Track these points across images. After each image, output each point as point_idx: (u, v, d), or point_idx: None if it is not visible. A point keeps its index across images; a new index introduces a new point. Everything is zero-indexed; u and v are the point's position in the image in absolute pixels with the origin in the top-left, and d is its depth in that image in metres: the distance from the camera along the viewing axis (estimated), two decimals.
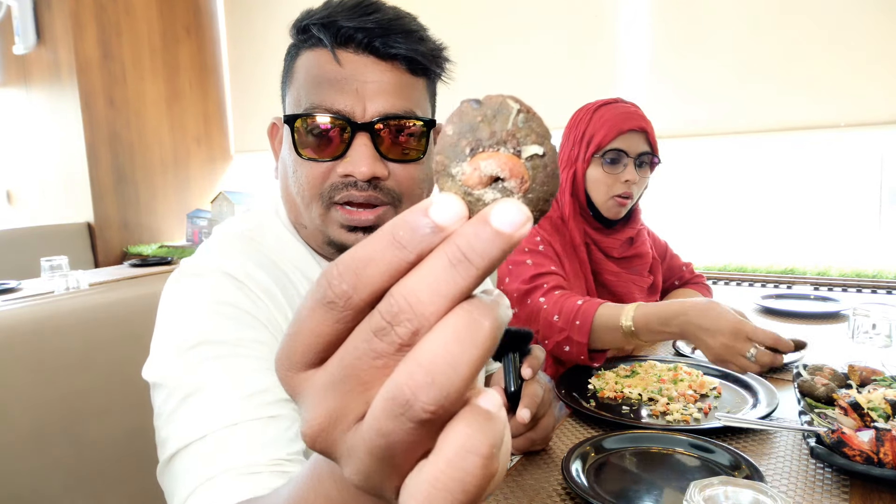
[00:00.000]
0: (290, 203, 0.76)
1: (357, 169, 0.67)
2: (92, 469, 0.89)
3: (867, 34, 1.95)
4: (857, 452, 0.70)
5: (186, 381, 0.62)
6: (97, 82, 3.16)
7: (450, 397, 0.21)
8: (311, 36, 0.70)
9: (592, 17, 2.45)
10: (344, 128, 0.67)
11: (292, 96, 0.72)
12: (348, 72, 0.67)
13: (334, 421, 0.24)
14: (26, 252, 2.74)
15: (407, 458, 0.23)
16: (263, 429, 0.60)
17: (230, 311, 0.66)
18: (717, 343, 0.98)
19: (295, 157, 0.70)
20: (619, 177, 1.32)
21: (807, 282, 1.95)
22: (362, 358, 0.23)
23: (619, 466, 0.77)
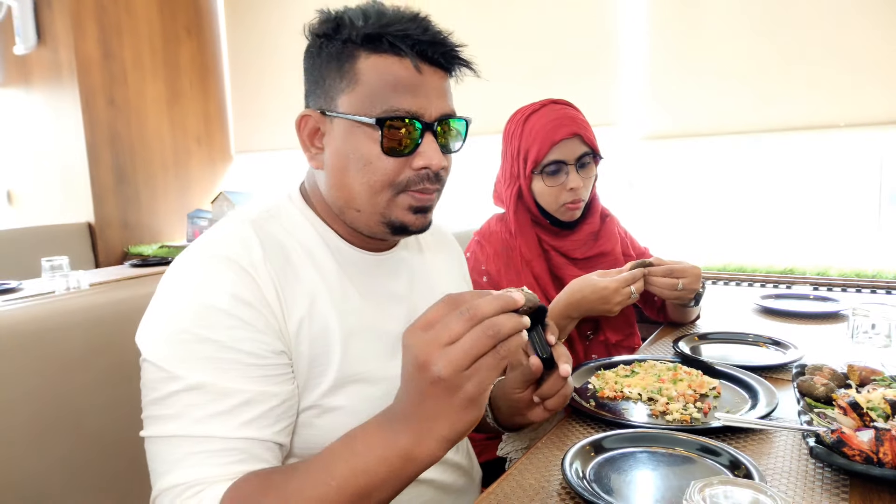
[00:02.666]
0: (345, 191, 0.81)
1: (432, 162, 0.78)
2: (92, 468, 0.89)
3: (867, 35, 1.95)
4: (856, 452, 0.70)
5: (181, 373, 0.68)
6: (98, 82, 3.16)
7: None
8: (381, 43, 0.77)
9: (592, 17, 2.45)
10: (417, 128, 0.78)
11: (358, 96, 0.78)
12: (425, 80, 0.78)
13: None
14: (27, 252, 2.74)
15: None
16: (243, 445, 0.69)
17: (231, 307, 0.71)
18: (611, 299, 1.22)
19: (376, 152, 0.77)
20: (563, 186, 1.33)
21: (806, 282, 1.95)
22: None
23: (618, 466, 0.77)
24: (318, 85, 0.81)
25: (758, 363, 1.13)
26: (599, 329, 1.41)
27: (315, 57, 0.82)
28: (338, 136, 0.80)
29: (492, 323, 0.58)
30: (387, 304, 0.87)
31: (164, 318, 0.72)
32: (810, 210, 2.26)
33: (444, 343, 0.57)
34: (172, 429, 0.68)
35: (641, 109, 2.39)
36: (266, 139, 3.62)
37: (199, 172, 3.66)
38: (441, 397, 0.58)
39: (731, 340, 1.30)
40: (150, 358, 0.71)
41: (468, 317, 0.58)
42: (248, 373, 0.70)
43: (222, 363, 0.69)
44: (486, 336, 0.57)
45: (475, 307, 0.58)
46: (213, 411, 0.68)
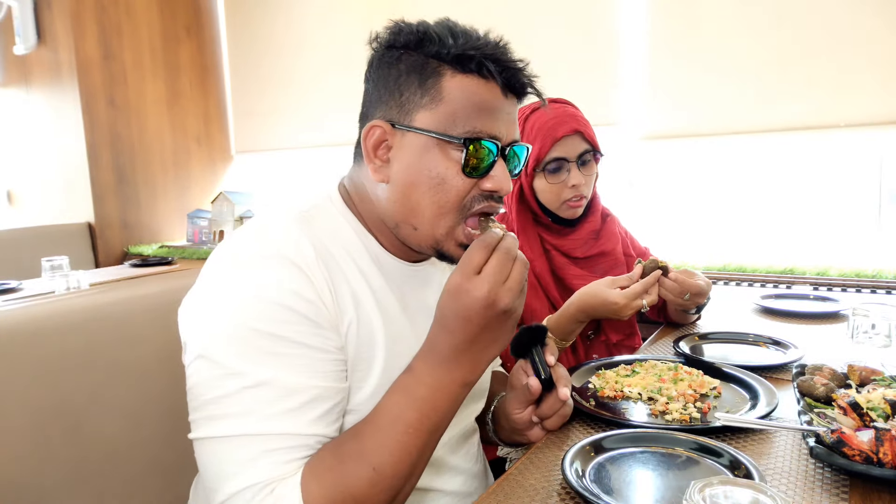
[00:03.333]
0: (409, 208, 0.80)
1: (503, 186, 0.80)
2: (92, 468, 0.89)
3: (867, 34, 1.95)
4: (856, 452, 0.70)
5: (244, 370, 0.68)
6: (98, 82, 3.16)
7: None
8: (470, 65, 0.77)
9: (592, 17, 2.45)
10: (494, 151, 0.78)
11: (440, 114, 0.77)
12: (509, 108, 0.80)
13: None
14: (27, 252, 2.74)
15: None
16: (314, 441, 0.70)
17: (293, 303, 0.70)
18: (621, 312, 1.23)
19: (454, 171, 0.77)
20: (565, 183, 1.33)
21: (806, 282, 1.95)
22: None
23: (618, 466, 0.77)
24: (391, 96, 0.79)
25: (758, 363, 1.13)
26: (600, 329, 1.41)
27: (391, 67, 0.80)
28: (410, 150, 0.78)
29: (518, 255, 0.72)
30: (418, 315, 0.86)
31: (223, 315, 0.70)
32: (810, 210, 2.26)
33: (502, 281, 0.69)
34: (240, 427, 0.67)
35: (641, 109, 2.39)
36: (266, 139, 3.62)
37: (199, 172, 3.66)
38: (502, 324, 0.71)
39: (731, 340, 1.30)
40: (208, 354, 0.69)
41: (510, 256, 0.71)
42: (315, 367, 0.71)
43: (289, 359, 0.69)
44: (521, 264, 0.71)
45: (511, 249, 0.71)
46: (283, 408, 0.67)
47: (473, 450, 0.97)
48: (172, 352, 0.99)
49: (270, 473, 0.66)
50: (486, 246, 0.70)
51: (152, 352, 0.98)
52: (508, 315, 0.70)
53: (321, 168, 3.46)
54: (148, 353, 0.98)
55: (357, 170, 0.86)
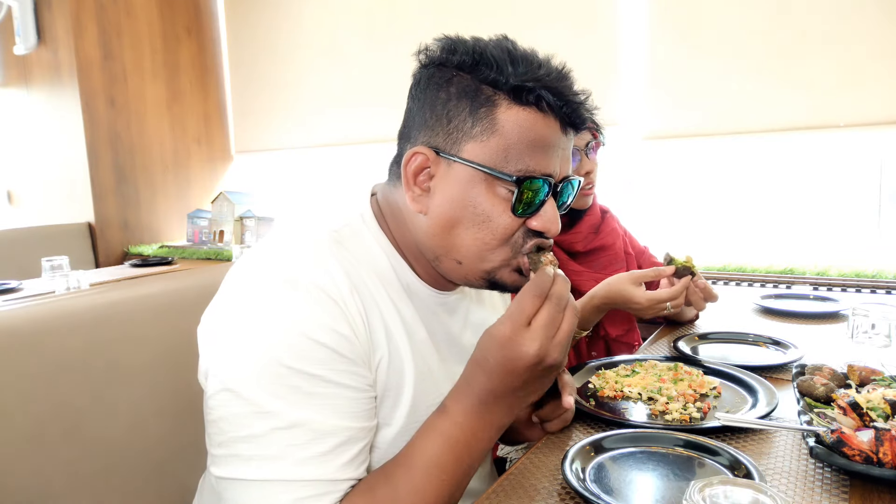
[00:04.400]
0: (451, 243, 0.75)
1: (552, 228, 0.75)
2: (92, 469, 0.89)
3: (867, 34, 1.95)
4: (856, 452, 0.70)
5: (278, 410, 0.64)
6: (98, 83, 3.16)
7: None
8: (529, 97, 0.71)
9: (592, 17, 2.45)
10: (546, 189, 0.74)
11: (493, 147, 0.71)
12: (565, 145, 0.76)
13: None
14: (27, 252, 2.74)
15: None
16: (344, 486, 0.67)
17: (329, 338, 0.66)
18: (642, 313, 1.26)
19: (501, 209, 0.73)
20: (578, 171, 1.36)
21: (806, 282, 1.95)
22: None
23: (618, 466, 0.77)
24: (438, 121, 0.73)
25: (758, 363, 1.13)
26: (599, 324, 1.42)
27: (440, 89, 0.74)
28: (455, 183, 0.73)
29: (569, 302, 0.69)
30: (445, 345, 0.83)
31: (254, 348, 0.65)
32: (810, 210, 2.26)
33: (552, 335, 0.67)
34: (271, 472, 0.64)
35: (642, 109, 2.39)
36: (266, 139, 3.62)
37: (199, 172, 3.66)
38: (546, 377, 0.69)
39: (731, 340, 1.30)
40: (236, 389, 0.65)
41: (561, 307, 0.68)
42: (349, 408, 0.67)
43: (323, 399, 0.65)
44: (572, 315, 0.69)
45: (563, 297, 0.68)
46: (316, 452, 0.64)
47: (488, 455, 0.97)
48: (173, 352, 0.99)
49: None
50: (539, 294, 0.67)
51: (152, 352, 0.98)
52: (554, 369, 0.68)
53: (321, 168, 3.46)
54: (148, 353, 0.98)
55: (393, 190, 0.80)
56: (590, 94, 0.77)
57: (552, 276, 0.69)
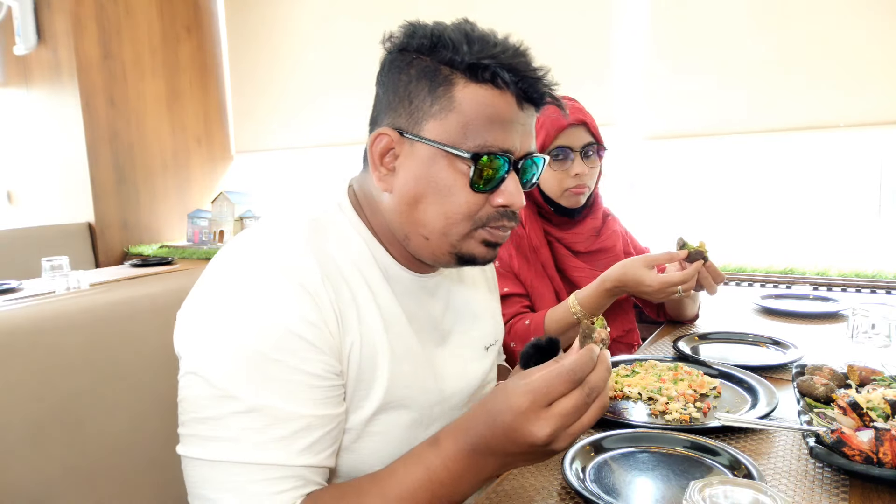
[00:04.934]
0: (416, 219, 0.77)
1: (516, 201, 0.76)
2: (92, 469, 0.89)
3: (867, 35, 1.95)
4: (856, 452, 0.70)
5: (241, 395, 0.65)
6: (97, 82, 3.16)
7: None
8: (485, 74, 0.73)
9: (591, 17, 2.45)
10: (506, 165, 0.75)
11: (451, 125, 0.73)
12: (524, 120, 0.76)
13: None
14: (27, 252, 2.74)
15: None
16: (303, 472, 0.67)
17: (297, 325, 0.67)
18: (652, 296, 1.26)
19: (461, 185, 0.74)
20: (568, 172, 1.36)
21: (806, 282, 1.95)
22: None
23: (618, 466, 0.77)
24: (401, 103, 0.76)
25: (758, 363, 1.13)
26: None
27: (401, 72, 0.76)
28: (418, 161, 0.75)
29: (601, 395, 0.64)
30: (426, 328, 0.84)
31: (223, 334, 0.67)
32: (810, 210, 2.26)
33: (569, 425, 0.62)
34: (228, 453, 0.65)
35: (642, 110, 2.39)
36: (266, 139, 3.62)
37: (199, 172, 3.65)
38: (546, 456, 0.65)
39: (731, 340, 1.31)
40: (204, 374, 0.67)
41: (591, 398, 0.62)
42: (311, 395, 0.68)
43: (287, 385, 0.66)
44: (598, 410, 0.64)
45: (597, 388, 0.63)
46: (272, 437, 0.65)
47: None
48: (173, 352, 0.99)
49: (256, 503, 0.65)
50: (573, 380, 0.62)
51: (152, 352, 0.98)
52: (555, 452, 0.65)
53: (322, 168, 3.46)
54: (148, 353, 0.98)
55: (366, 177, 0.82)
56: (549, 70, 0.77)
57: (594, 361, 0.63)
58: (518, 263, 1.40)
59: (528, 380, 0.62)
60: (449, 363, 0.85)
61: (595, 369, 0.63)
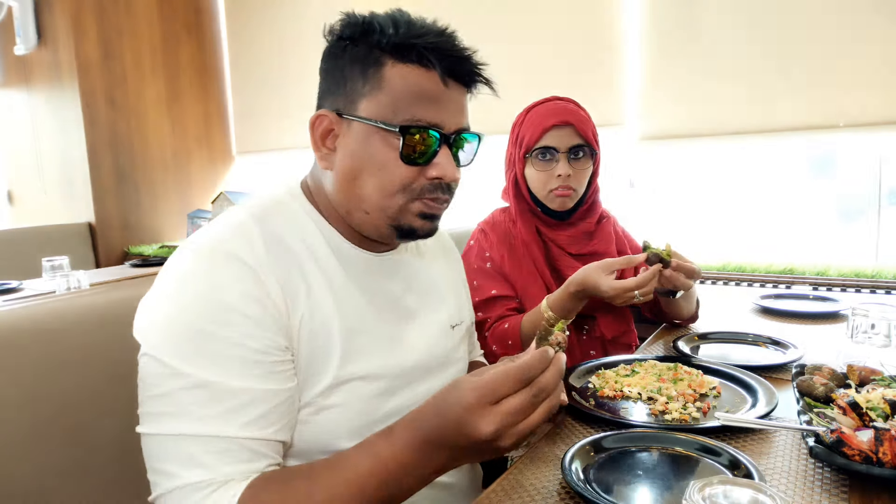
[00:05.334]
0: (353, 193, 0.81)
1: (448, 174, 0.80)
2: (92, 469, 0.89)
3: (866, 35, 1.95)
4: (855, 452, 0.70)
5: (185, 370, 0.68)
6: (98, 82, 3.16)
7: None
8: (410, 54, 0.78)
9: (591, 18, 2.45)
10: (436, 139, 0.79)
11: (381, 102, 0.78)
12: (450, 95, 0.80)
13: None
14: (27, 252, 2.74)
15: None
16: (249, 445, 0.69)
17: (236, 301, 0.70)
18: (613, 301, 1.24)
19: (393, 158, 0.78)
20: (552, 172, 1.37)
21: (806, 282, 1.95)
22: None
23: (618, 466, 0.77)
24: (338, 86, 0.81)
25: (757, 363, 1.13)
26: (596, 325, 1.42)
27: (337, 58, 0.82)
28: (354, 139, 0.80)
29: (550, 398, 0.65)
30: (384, 305, 0.87)
31: (169, 313, 0.71)
32: (810, 210, 2.26)
33: (513, 424, 0.63)
34: (176, 427, 0.67)
35: (642, 110, 2.39)
36: (267, 139, 3.62)
37: (200, 172, 3.66)
38: (493, 452, 0.65)
39: (730, 340, 1.31)
40: (152, 353, 0.70)
41: (538, 400, 0.64)
42: (253, 370, 0.70)
43: (229, 361, 0.69)
44: (545, 411, 0.65)
45: (545, 390, 0.64)
46: (217, 410, 0.67)
47: None
48: None
49: (205, 475, 0.66)
50: (522, 379, 0.64)
51: None
52: (503, 450, 0.65)
53: None
54: None
55: (316, 164, 0.87)
56: (475, 51, 0.82)
57: (547, 363, 0.65)
58: (510, 266, 1.40)
59: (479, 377, 0.64)
60: (413, 338, 0.89)
61: (547, 371, 0.65)
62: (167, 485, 0.67)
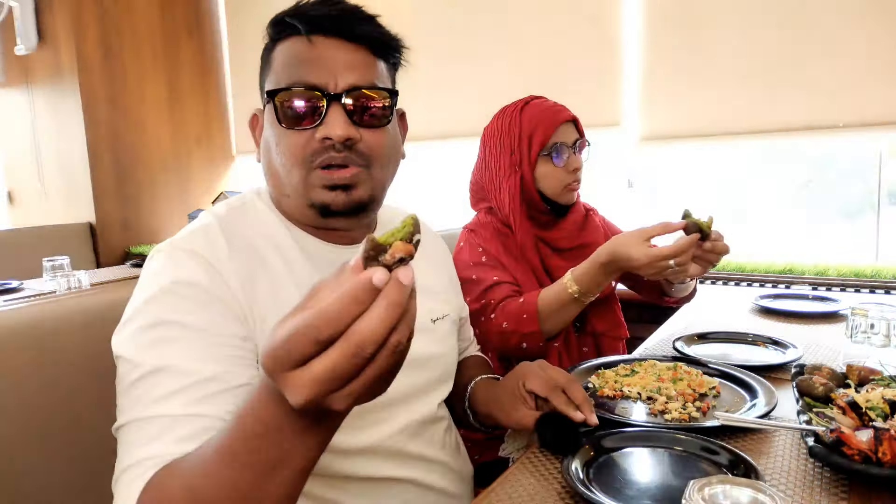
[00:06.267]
0: (273, 178, 0.84)
1: (333, 132, 0.76)
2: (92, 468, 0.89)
3: (866, 35, 1.95)
4: (855, 452, 0.70)
5: (141, 361, 0.68)
6: (98, 83, 3.16)
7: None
8: (284, 28, 0.80)
9: (590, 18, 2.45)
10: (319, 99, 0.77)
11: (271, 81, 0.81)
12: (321, 51, 0.78)
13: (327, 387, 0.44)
14: (28, 252, 2.74)
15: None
16: (192, 423, 0.65)
17: (189, 290, 0.71)
18: (643, 271, 1.17)
19: (279, 129, 0.79)
20: (566, 167, 1.38)
21: (805, 281, 1.95)
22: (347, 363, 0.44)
23: (618, 466, 0.77)
24: (260, 83, 0.85)
25: (757, 363, 1.13)
26: (586, 319, 1.43)
27: (261, 60, 0.86)
28: (264, 126, 0.84)
29: (383, 348, 0.44)
30: None
31: (126, 312, 0.73)
32: (809, 210, 2.26)
33: (336, 389, 0.45)
34: (129, 415, 0.67)
35: (641, 111, 2.39)
36: None
37: (200, 172, 3.66)
38: (338, 417, 0.52)
39: (730, 340, 1.31)
40: (118, 353, 0.71)
41: (361, 355, 0.43)
42: (209, 353, 0.69)
43: (182, 343, 0.68)
44: (379, 369, 0.45)
45: (369, 341, 0.43)
46: (165, 391, 0.66)
47: (438, 436, 0.94)
48: None
49: (139, 455, 0.63)
50: (319, 339, 0.43)
51: None
52: (336, 414, 0.49)
53: None
54: None
55: None
56: (357, 7, 0.81)
57: (361, 302, 0.42)
58: (507, 260, 1.40)
59: (275, 333, 0.45)
60: None
61: (365, 316, 0.43)
62: (117, 470, 0.67)
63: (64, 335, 0.89)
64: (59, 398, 0.86)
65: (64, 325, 0.89)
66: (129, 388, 0.68)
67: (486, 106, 1.67)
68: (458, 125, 2.75)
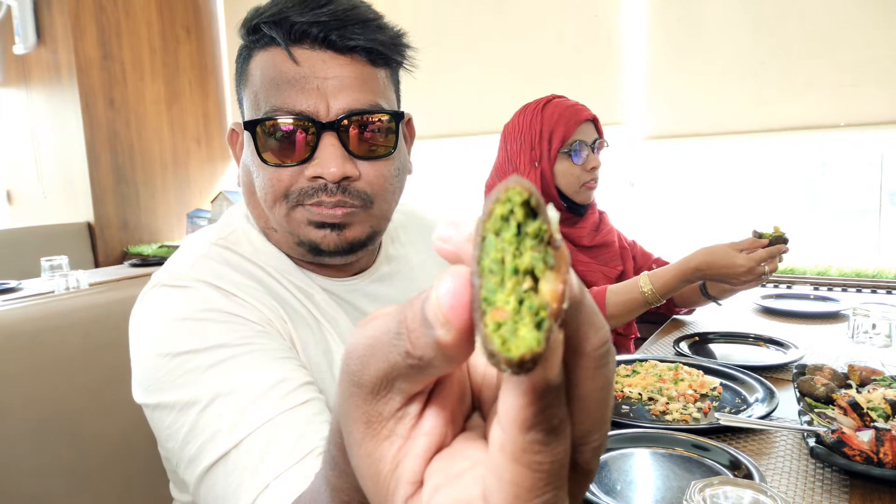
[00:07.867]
0: (256, 209, 0.72)
1: (326, 170, 0.63)
2: (92, 468, 0.89)
3: (867, 34, 1.95)
4: (856, 452, 0.70)
5: (197, 394, 0.58)
6: (97, 82, 3.16)
7: None
8: (262, 35, 0.65)
9: (592, 17, 2.45)
10: (308, 129, 0.64)
11: (249, 100, 0.67)
12: (306, 70, 0.64)
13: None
14: (27, 252, 2.74)
15: None
16: (295, 418, 0.56)
17: (221, 316, 0.62)
18: (740, 281, 1.25)
19: (259, 162, 0.66)
20: (585, 166, 1.40)
21: (806, 282, 1.95)
22: None
23: (618, 466, 0.77)
24: (237, 94, 0.73)
25: (758, 363, 1.13)
26: None
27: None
28: (245, 147, 0.70)
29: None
30: None
31: (140, 356, 0.62)
32: (810, 210, 2.26)
33: None
34: (219, 449, 0.56)
35: (643, 110, 2.39)
36: None
37: (199, 172, 3.65)
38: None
39: (731, 340, 1.30)
40: (152, 402, 0.60)
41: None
42: (266, 359, 0.60)
43: (233, 360, 0.59)
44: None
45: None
46: (242, 408, 0.56)
47: None
48: None
49: (262, 482, 0.54)
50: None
51: None
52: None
53: None
54: None
55: None
56: (353, 7, 0.64)
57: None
58: None
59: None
60: None
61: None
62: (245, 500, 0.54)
63: (63, 335, 0.88)
64: (58, 398, 0.86)
65: (63, 325, 0.89)
66: (192, 430, 0.57)
67: (486, 105, 1.67)
68: (458, 125, 2.75)
